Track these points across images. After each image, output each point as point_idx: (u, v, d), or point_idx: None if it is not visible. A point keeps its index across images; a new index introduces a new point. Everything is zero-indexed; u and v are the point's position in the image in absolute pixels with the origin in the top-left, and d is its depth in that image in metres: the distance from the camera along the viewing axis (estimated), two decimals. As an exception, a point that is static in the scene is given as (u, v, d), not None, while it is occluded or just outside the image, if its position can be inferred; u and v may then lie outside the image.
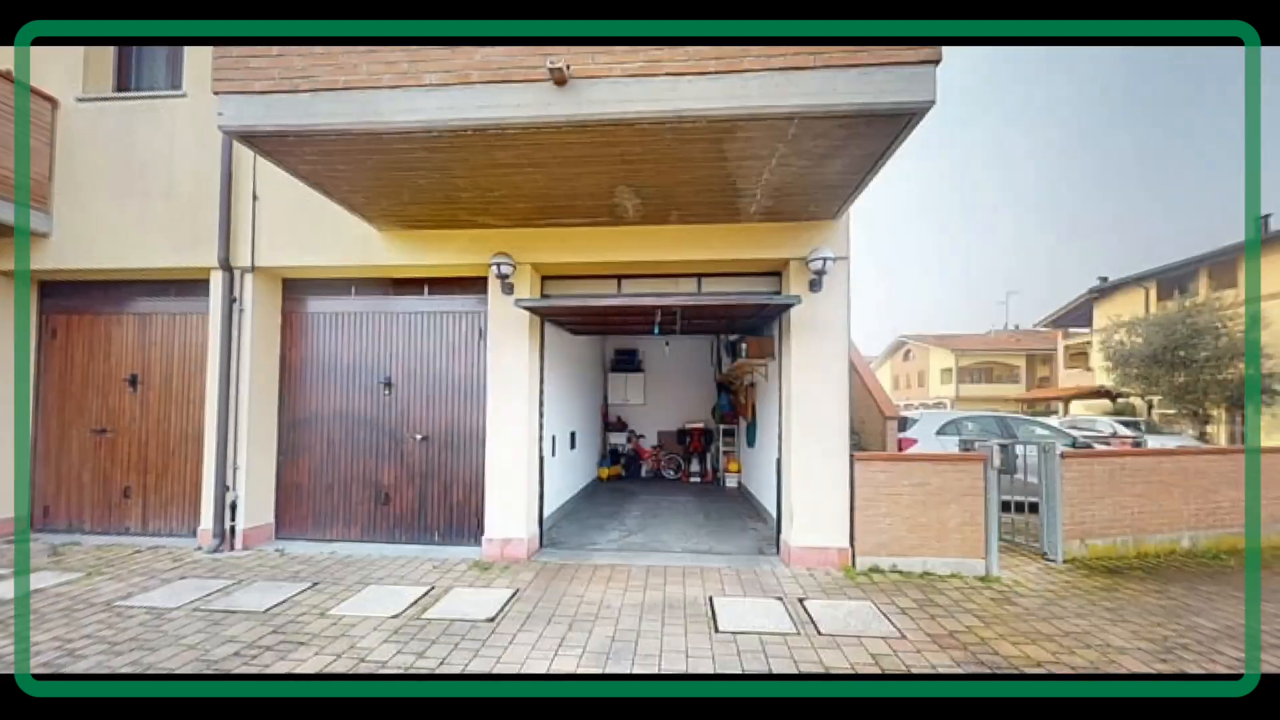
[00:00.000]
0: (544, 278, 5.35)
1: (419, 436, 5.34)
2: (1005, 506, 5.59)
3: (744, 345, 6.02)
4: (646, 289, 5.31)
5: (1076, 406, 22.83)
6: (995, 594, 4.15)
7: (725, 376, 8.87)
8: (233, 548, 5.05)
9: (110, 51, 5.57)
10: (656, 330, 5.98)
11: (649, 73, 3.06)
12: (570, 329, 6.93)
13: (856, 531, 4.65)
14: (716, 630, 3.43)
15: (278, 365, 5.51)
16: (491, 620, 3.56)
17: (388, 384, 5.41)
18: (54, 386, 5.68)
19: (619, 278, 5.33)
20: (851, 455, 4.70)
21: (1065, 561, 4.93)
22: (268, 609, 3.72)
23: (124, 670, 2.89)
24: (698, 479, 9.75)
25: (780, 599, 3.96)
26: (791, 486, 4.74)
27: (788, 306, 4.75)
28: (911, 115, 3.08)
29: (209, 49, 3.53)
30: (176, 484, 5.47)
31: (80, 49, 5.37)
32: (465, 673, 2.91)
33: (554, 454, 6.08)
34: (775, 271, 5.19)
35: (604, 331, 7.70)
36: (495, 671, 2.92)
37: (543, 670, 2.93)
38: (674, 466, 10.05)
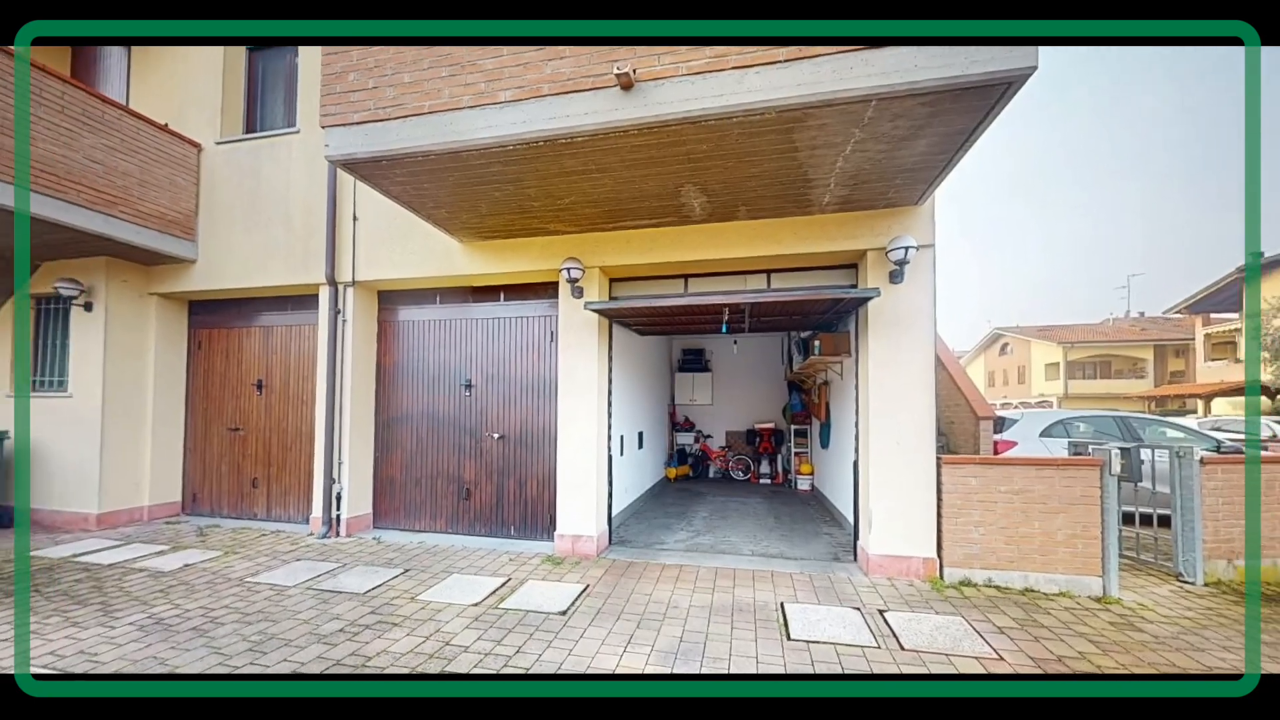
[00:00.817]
0: (612, 280, 5.45)
1: (496, 435, 5.65)
2: (1128, 519, 4.93)
3: (817, 342, 5.77)
4: (714, 287, 5.25)
5: (1221, 405, 19.64)
6: (1115, 617, 3.67)
7: (797, 375, 8.55)
8: (338, 534, 5.62)
9: (241, 97, 6.40)
10: (724, 329, 5.90)
11: (714, 68, 3.03)
12: (638, 330, 7.02)
13: (944, 541, 4.30)
14: (788, 638, 3.32)
15: (374, 369, 6.06)
16: (563, 614, 3.68)
17: (468, 385, 5.77)
18: (199, 390, 6.62)
19: (686, 277, 5.32)
20: (938, 458, 4.37)
21: (1206, 584, 4.26)
22: (367, 591, 4.09)
23: (253, 637, 3.30)
24: (768, 481, 9.48)
25: (858, 609, 3.75)
26: (870, 490, 4.49)
27: (865, 300, 4.50)
28: (1008, 85, 2.79)
29: (317, 87, 3.95)
30: (293, 476, 6.18)
31: (218, 97, 6.21)
32: (541, 661, 3.02)
33: (622, 453, 6.17)
34: (851, 264, 4.94)
35: (671, 331, 7.70)
36: (567, 661, 3.01)
37: (612, 664, 2.98)
38: (743, 468, 9.84)
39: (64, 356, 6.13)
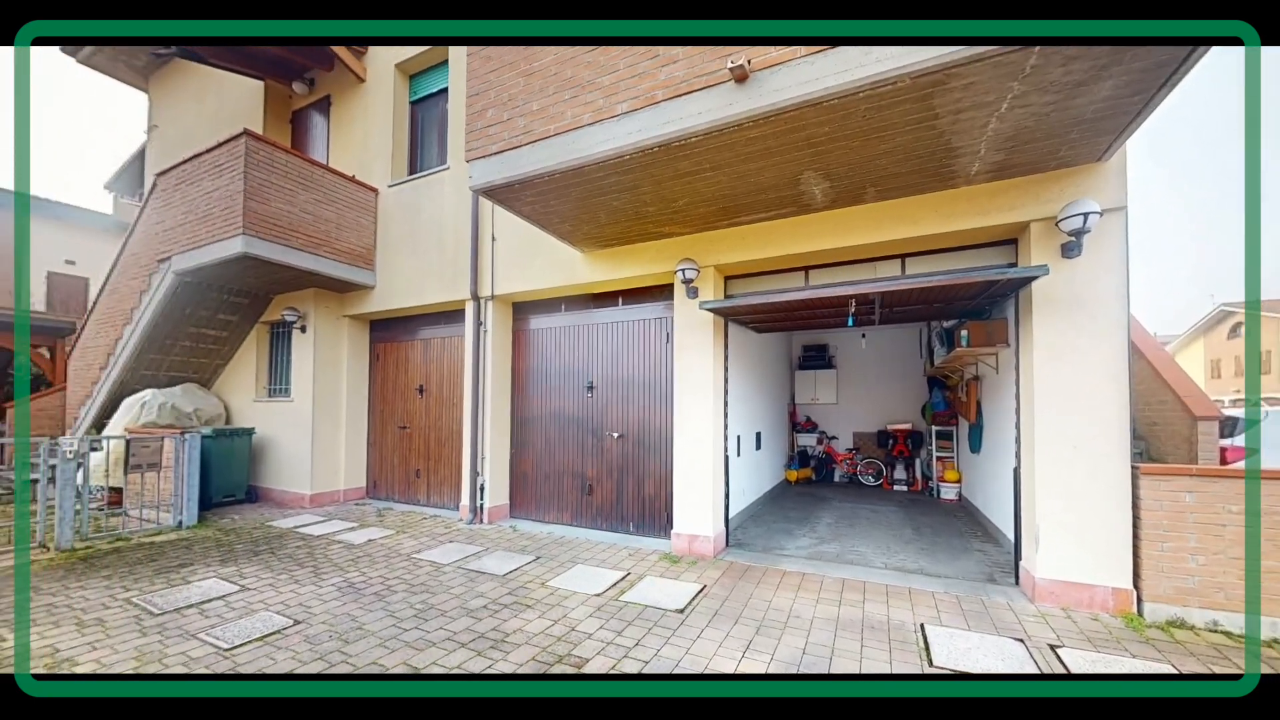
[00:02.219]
0: (727, 278, 5.39)
1: (616, 434, 5.89)
2: None
3: (964, 332, 5.08)
4: (838, 278, 4.89)
5: None
6: None
7: (938, 370, 7.61)
8: (481, 521, 6.29)
9: (405, 145, 7.54)
10: (850, 322, 5.47)
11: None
12: (754, 328, 6.83)
13: (1144, 569, 3.51)
14: (930, 663, 2.96)
15: (510, 374, 6.70)
16: (680, 612, 3.70)
17: (590, 387, 6.10)
18: (378, 395, 7.90)
19: (806, 269, 5.05)
20: (1134, 467, 3.59)
21: None
22: (505, 574, 4.51)
23: (417, 605, 3.82)
24: (904, 487, 8.58)
25: (1020, 640, 3.22)
26: (1037, 503, 3.82)
27: (1028, 280, 3.84)
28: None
29: (463, 126, 4.45)
30: (446, 469, 7.07)
31: (389, 147, 7.38)
32: (659, 656, 3.07)
33: (739, 454, 6.04)
34: (1008, 239, 4.27)
35: (790, 328, 7.35)
36: (684, 660, 3.02)
37: (730, 668, 2.92)
38: (874, 472, 9.01)
39: (288, 369, 7.74)
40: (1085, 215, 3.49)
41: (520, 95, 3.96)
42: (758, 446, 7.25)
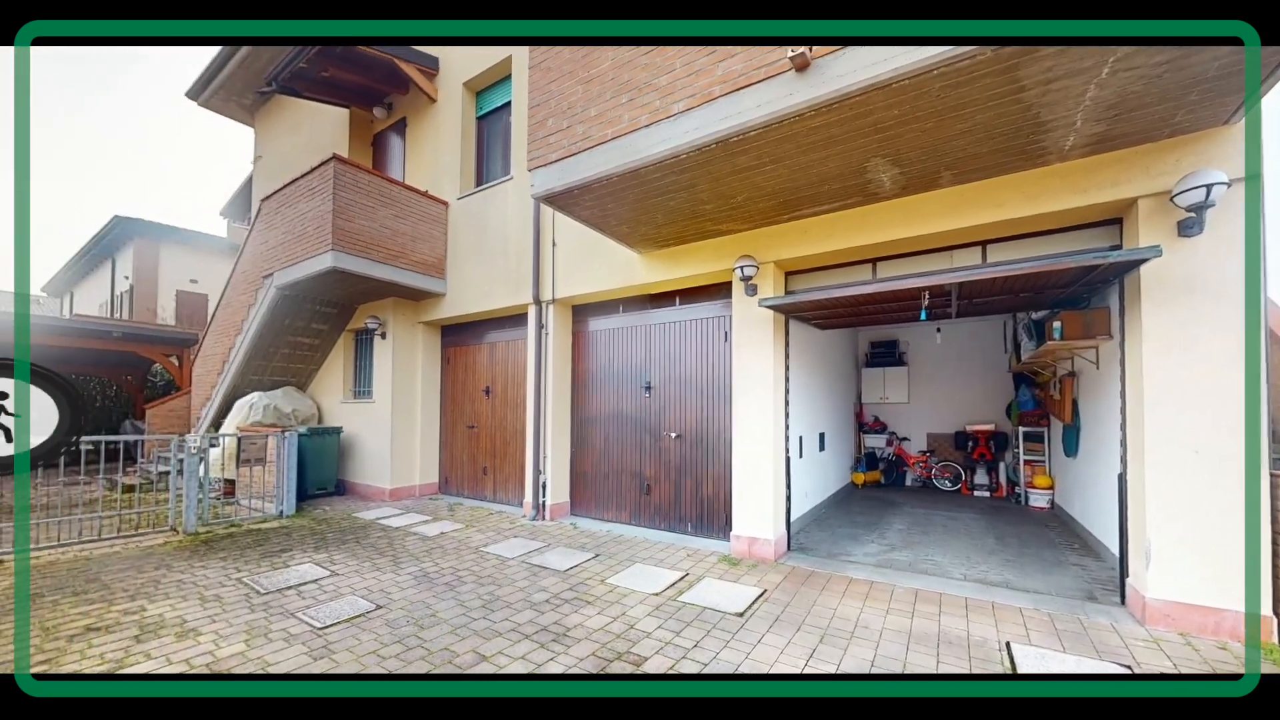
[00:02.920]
0: (787, 274, 5.23)
1: (674, 435, 5.87)
2: None
3: (1057, 323, 4.62)
4: (909, 269, 4.61)
5: None
6: None
7: (1027, 366, 6.95)
8: (543, 518, 6.48)
9: (473, 159, 7.94)
10: (924, 315, 5.13)
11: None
12: (817, 324, 6.56)
13: (1287, 595, 3.02)
14: (1018, 685, 2.70)
15: (570, 375, 6.86)
16: (740, 615, 3.62)
17: (648, 388, 6.12)
18: (449, 396, 8.36)
19: (874, 261, 4.80)
20: (1274, 474, 3.13)
21: None
22: (566, 569, 4.62)
23: (485, 596, 3.99)
24: (985, 493, 7.92)
25: (1127, 667, 2.87)
26: (1148, 513, 3.40)
27: (1137, 264, 3.42)
28: None
29: (525, 138, 4.60)
30: (510, 466, 7.35)
31: (458, 161, 7.80)
32: (718, 659, 3.02)
33: (801, 455, 5.83)
34: (1109, 219, 3.84)
35: (856, 323, 6.98)
36: (744, 664, 2.96)
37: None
38: (950, 476, 8.38)
39: (370, 373, 8.36)
40: (1208, 187, 3.07)
41: (579, 103, 4.06)
42: (821, 447, 6.97)
